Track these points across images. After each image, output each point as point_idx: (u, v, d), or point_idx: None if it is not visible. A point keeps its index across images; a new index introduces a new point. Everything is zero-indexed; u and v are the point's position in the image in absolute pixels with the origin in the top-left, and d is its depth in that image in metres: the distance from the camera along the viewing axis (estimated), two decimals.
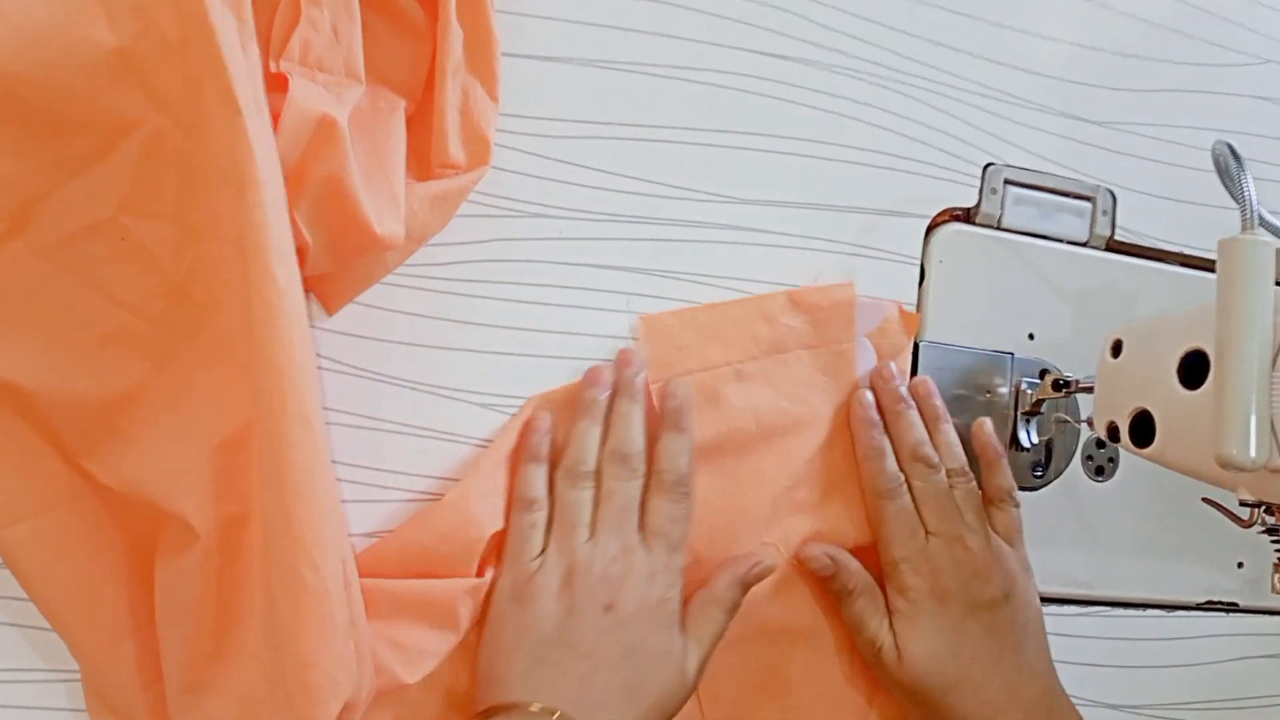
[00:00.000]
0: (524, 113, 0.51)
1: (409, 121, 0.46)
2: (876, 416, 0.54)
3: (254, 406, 0.39)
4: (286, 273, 0.38)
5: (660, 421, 0.50)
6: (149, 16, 0.36)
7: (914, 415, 0.54)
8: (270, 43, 0.41)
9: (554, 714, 0.43)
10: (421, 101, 0.47)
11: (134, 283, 0.39)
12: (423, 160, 0.47)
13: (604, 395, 0.49)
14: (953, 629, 0.51)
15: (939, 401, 0.54)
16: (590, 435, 0.49)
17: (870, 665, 0.53)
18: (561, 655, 0.45)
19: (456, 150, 0.46)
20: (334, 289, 0.47)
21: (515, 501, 0.48)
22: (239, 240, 0.38)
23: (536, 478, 0.48)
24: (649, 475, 0.49)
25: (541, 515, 0.48)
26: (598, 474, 0.48)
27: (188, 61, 0.36)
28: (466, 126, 0.47)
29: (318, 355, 0.47)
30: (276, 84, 0.41)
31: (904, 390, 0.54)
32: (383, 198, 0.44)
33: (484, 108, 0.47)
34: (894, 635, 0.52)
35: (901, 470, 0.53)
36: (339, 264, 0.45)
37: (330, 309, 0.47)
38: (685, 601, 0.49)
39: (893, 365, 0.55)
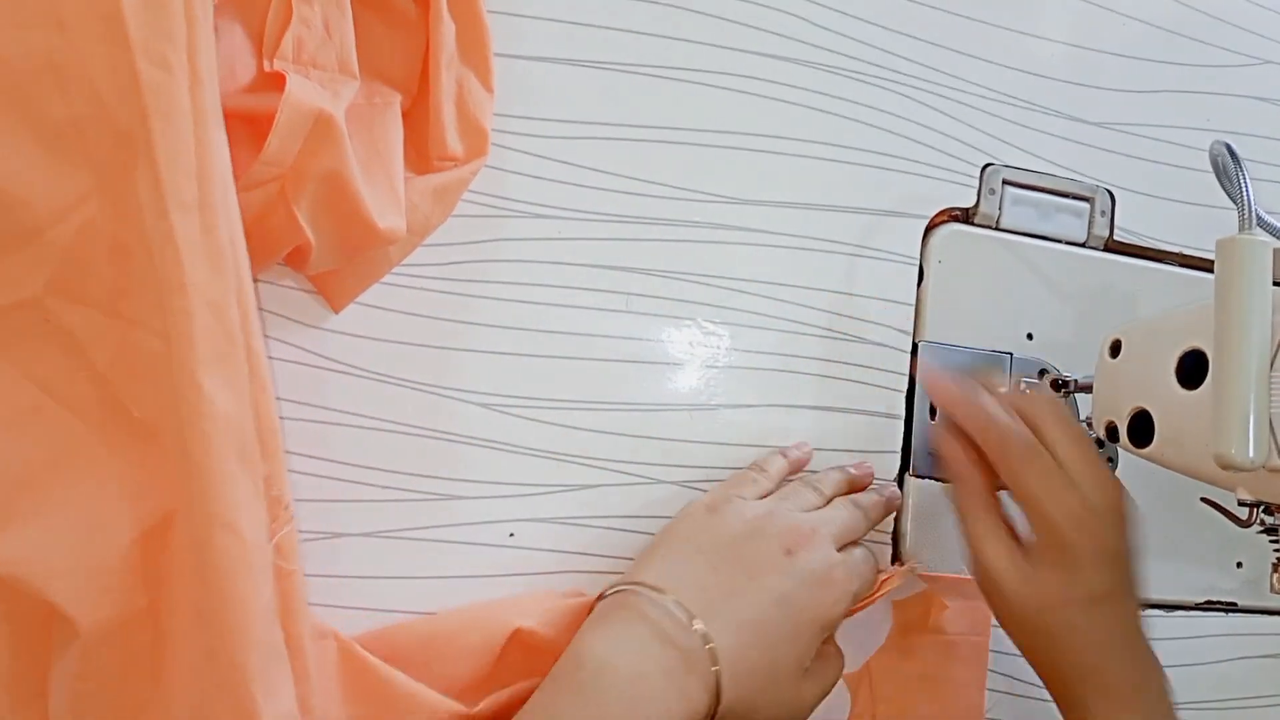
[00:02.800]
0: (524, 113, 0.51)
1: (405, 115, 0.46)
2: (969, 390, 0.51)
3: (172, 499, 0.38)
4: (221, 376, 0.37)
5: None
6: (102, 100, 0.35)
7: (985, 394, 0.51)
8: (263, 42, 0.41)
9: (669, 598, 0.43)
10: (417, 95, 0.47)
11: (54, 364, 0.38)
12: (421, 153, 0.47)
13: None
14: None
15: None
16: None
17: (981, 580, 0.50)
18: (724, 561, 0.45)
19: (454, 142, 0.46)
20: (339, 286, 0.47)
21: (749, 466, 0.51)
22: (166, 341, 0.37)
23: (777, 463, 0.52)
24: None
25: (766, 481, 0.50)
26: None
27: (132, 151, 0.36)
28: (463, 118, 0.47)
29: (320, 355, 0.47)
30: (271, 83, 0.41)
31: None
32: (383, 192, 0.43)
33: (479, 98, 0.47)
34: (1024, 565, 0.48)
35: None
36: (342, 260, 0.45)
37: (336, 307, 0.47)
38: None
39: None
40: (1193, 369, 0.46)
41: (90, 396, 0.38)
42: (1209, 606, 0.64)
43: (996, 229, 0.59)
